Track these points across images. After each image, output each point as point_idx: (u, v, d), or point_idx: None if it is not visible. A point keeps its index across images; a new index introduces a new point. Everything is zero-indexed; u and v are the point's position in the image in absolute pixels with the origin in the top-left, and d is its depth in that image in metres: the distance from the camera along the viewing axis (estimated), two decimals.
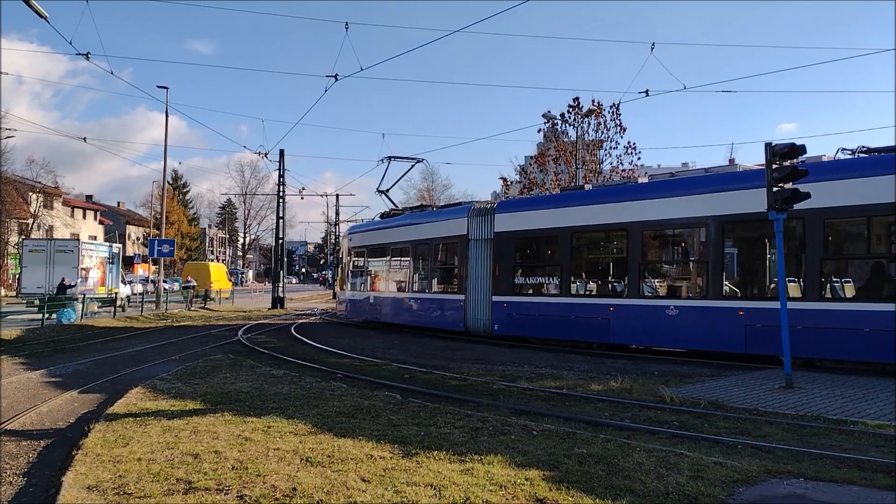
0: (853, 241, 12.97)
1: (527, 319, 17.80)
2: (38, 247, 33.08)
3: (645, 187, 16.02)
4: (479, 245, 19.41)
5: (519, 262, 18.53)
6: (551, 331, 17.28)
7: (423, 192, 73.36)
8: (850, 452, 6.48)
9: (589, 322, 16.15)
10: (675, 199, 14.78)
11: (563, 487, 5.23)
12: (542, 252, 18.47)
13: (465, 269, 19.79)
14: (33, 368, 13.52)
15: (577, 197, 17.66)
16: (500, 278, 18.55)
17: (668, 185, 15.72)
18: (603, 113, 33.06)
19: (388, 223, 25.27)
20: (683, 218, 14.63)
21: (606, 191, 17.17)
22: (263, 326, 25.33)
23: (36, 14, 17.43)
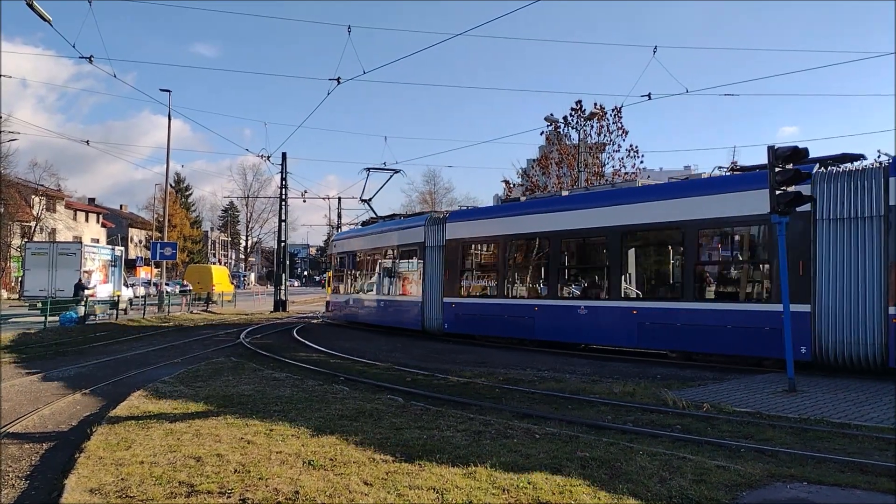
0: (722, 248, 14.80)
1: (471, 318, 19.58)
2: (41, 250, 33.12)
3: (566, 200, 17.72)
4: (433, 251, 21.17)
5: (465, 267, 20.43)
6: (490, 329, 19.09)
7: (425, 196, 73.54)
8: (854, 456, 6.46)
9: (518, 321, 17.97)
10: (587, 211, 16.51)
11: (566, 491, 5.23)
12: (484, 257, 20.26)
13: (422, 274, 21.55)
14: (36, 371, 13.53)
15: (511, 208, 19.65)
16: (450, 281, 20.36)
17: (583, 198, 17.37)
18: (605, 116, 33.10)
19: (363, 231, 27.52)
20: (593, 227, 16.36)
21: (535, 202, 19.14)
22: (265, 329, 25.33)
23: (39, 17, 17.51)
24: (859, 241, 11.95)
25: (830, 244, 12.21)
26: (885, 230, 11.61)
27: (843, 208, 12.11)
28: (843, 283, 12.03)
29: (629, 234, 15.63)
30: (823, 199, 12.28)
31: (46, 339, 20.02)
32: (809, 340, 12.22)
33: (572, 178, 32.10)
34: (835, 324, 12.06)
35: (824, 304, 12.18)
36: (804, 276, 12.35)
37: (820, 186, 12.30)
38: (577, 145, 32.53)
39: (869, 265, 11.81)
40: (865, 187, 11.92)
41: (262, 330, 24.90)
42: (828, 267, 12.19)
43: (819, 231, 12.32)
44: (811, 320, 12.23)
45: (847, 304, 11.96)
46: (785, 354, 10.79)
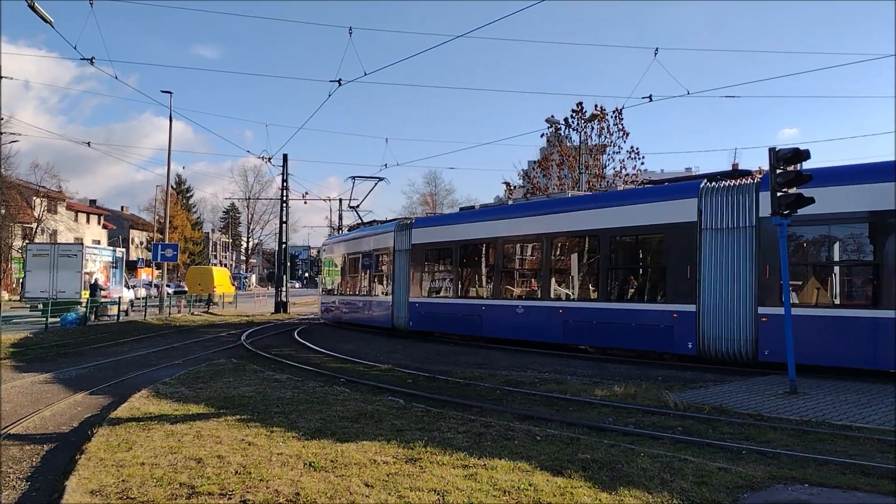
0: (630, 254, 16.55)
1: (432, 317, 21.22)
2: (42, 251, 33.10)
3: (509, 208, 19.87)
4: (401, 255, 22.86)
5: (427, 270, 22.11)
6: (447, 326, 20.70)
7: (426, 197, 73.61)
8: (855, 458, 6.45)
9: (469, 319, 19.58)
10: (524, 219, 18.30)
11: (567, 493, 5.22)
12: (443, 261, 21.71)
13: (392, 276, 23.24)
14: (37, 372, 13.54)
15: (466, 216, 21.30)
16: (415, 283, 22.06)
17: (522, 207, 19.22)
18: (606, 118, 33.11)
19: (347, 236, 29.91)
20: (528, 234, 18.22)
21: (486, 211, 20.73)
22: (266, 331, 25.34)
23: (41, 19, 17.52)
24: (735, 248, 13.44)
25: (712, 251, 13.73)
26: (756, 239, 13.09)
27: (722, 219, 13.66)
28: (723, 286, 13.52)
29: (557, 239, 17.35)
30: (707, 210, 13.90)
31: (47, 340, 20.03)
32: (695, 337, 13.77)
33: (573, 179, 32.10)
34: (716, 322, 13.57)
35: (707, 305, 13.68)
36: (691, 280, 13.91)
37: (704, 200, 13.96)
38: (578, 147, 32.55)
39: (743, 270, 13.30)
40: (740, 201, 13.45)
41: (263, 331, 24.91)
42: (710, 272, 13.72)
43: (703, 240, 13.86)
44: (696, 319, 13.75)
45: (726, 305, 13.45)
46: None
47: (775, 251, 12.05)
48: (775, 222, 10.47)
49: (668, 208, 14.60)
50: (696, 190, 14.14)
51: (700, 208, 13.96)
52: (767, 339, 12.59)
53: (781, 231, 10.49)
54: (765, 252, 12.86)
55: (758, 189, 13.14)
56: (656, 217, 14.70)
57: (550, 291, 17.26)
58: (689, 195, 14.28)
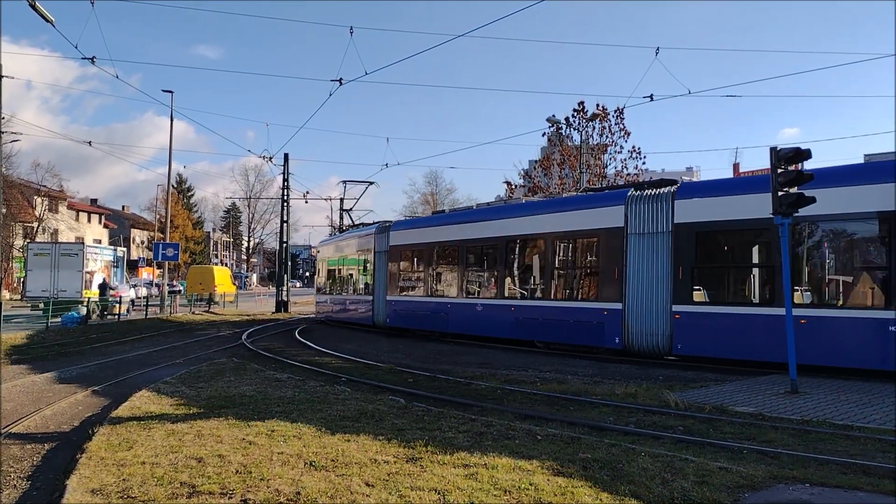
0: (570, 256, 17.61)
1: (406, 314, 22.64)
2: (43, 250, 33.08)
3: (473, 213, 21.19)
4: (380, 256, 24.31)
5: (402, 270, 23.40)
6: (419, 323, 21.95)
7: (426, 197, 73.53)
8: (856, 458, 6.45)
9: (437, 316, 20.95)
10: (484, 223, 19.70)
11: (568, 492, 5.22)
12: (416, 262, 22.98)
13: (372, 275, 24.76)
14: (38, 371, 13.55)
15: (437, 219, 23.10)
16: (392, 282, 23.53)
17: (484, 212, 20.43)
18: (607, 117, 33.11)
19: (337, 238, 31.85)
20: (487, 237, 19.46)
21: (453, 215, 22.71)
22: (267, 330, 25.36)
23: (42, 18, 17.54)
24: (655, 251, 14.69)
25: (636, 254, 15.01)
26: (672, 243, 14.34)
27: (644, 225, 14.94)
28: (644, 286, 14.78)
29: (510, 242, 18.61)
30: (632, 217, 15.17)
31: (48, 339, 20.05)
32: (621, 333, 15.10)
33: (574, 178, 32.11)
34: (639, 319, 14.86)
35: (631, 303, 14.96)
36: (618, 280, 15.26)
37: (630, 207, 15.23)
38: (579, 146, 32.55)
39: (661, 271, 14.52)
40: (658, 208, 14.70)
41: (263, 331, 24.92)
42: (634, 273, 15.00)
43: (629, 243, 15.16)
44: (622, 316, 15.08)
45: (646, 303, 14.72)
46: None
47: (688, 254, 14.13)
48: (776, 222, 10.45)
49: (600, 214, 16.01)
50: (624, 198, 15.49)
51: (626, 215, 15.24)
52: (680, 335, 14.01)
53: (782, 230, 10.46)
54: (678, 255, 14.17)
55: (673, 197, 14.45)
56: (591, 222, 16.20)
57: (505, 291, 18.64)
58: (617, 202, 15.63)
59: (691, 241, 14.15)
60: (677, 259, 14.18)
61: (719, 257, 14.71)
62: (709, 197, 14.15)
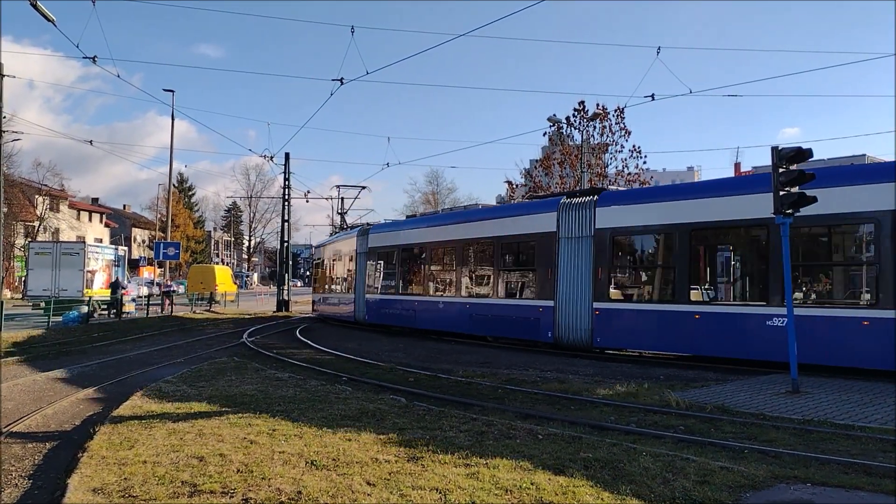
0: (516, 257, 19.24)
1: (382, 311, 24.27)
2: (44, 249, 33.15)
3: (437, 217, 23.18)
4: (361, 257, 25.87)
5: (379, 270, 25.01)
6: (392, 319, 23.52)
7: (427, 196, 73.50)
8: (858, 458, 6.44)
9: (407, 313, 22.47)
10: (446, 228, 21.43)
11: (569, 492, 5.22)
12: (390, 262, 24.43)
13: (354, 275, 26.31)
14: (39, 370, 13.56)
15: (408, 223, 24.87)
16: (370, 281, 25.28)
17: (447, 217, 22.72)
18: (608, 117, 33.08)
19: (328, 240, 33.82)
20: (448, 240, 21.02)
21: (422, 219, 24.38)
22: (268, 329, 25.36)
23: (43, 17, 17.53)
24: (580, 254, 16.15)
25: (566, 256, 16.43)
26: (592, 246, 15.83)
27: (572, 230, 16.40)
28: (572, 285, 16.23)
29: (466, 245, 20.22)
30: (563, 222, 16.62)
31: (50, 338, 20.05)
32: (553, 328, 16.59)
33: (575, 178, 32.09)
34: (567, 315, 16.30)
35: (561, 301, 16.39)
36: (552, 280, 16.71)
37: (561, 213, 16.69)
38: (580, 146, 32.52)
39: (584, 272, 15.98)
40: (583, 215, 16.19)
41: (264, 330, 24.92)
42: (564, 273, 16.45)
43: (560, 247, 16.59)
44: (554, 313, 16.52)
45: (573, 301, 16.17)
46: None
47: (606, 256, 15.69)
48: (777, 221, 10.43)
49: (538, 220, 17.46)
50: (557, 205, 16.98)
51: (558, 220, 16.70)
52: (599, 329, 15.59)
53: (784, 230, 10.44)
54: (598, 257, 15.72)
55: (595, 205, 15.98)
56: (531, 227, 17.74)
57: (462, 290, 20.26)
58: (551, 209, 17.09)
59: (608, 245, 15.73)
60: (597, 261, 15.75)
61: (631, 259, 16.62)
62: (624, 205, 15.83)
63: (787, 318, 10.52)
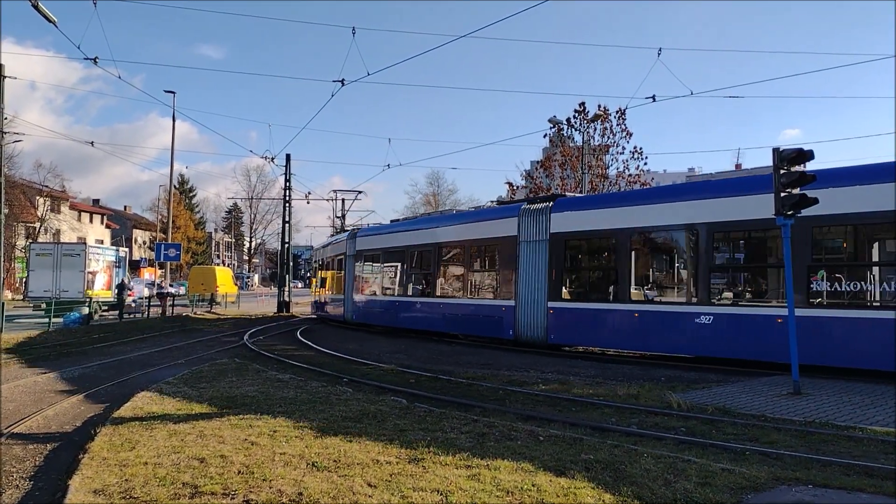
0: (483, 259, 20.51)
1: (367, 311, 25.78)
2: (45, 251, 33.15)
3: (416, 221, 24.80)
4: (349, 259, 27.24)
5: (365, 272, 26.39)
6: (376, 319, 24.92)
7: (428, 197, 73.52)
8: (859, 459, 6.43)
9: (389, 313, 23.77)
10: (423, 232, 22.59)
11: (570, 494, 5.21)
12: (374, 264, 25.79)
13: (344, 277, 27.57)
14: (40, 372, 13.56)
15: (389, 227, 26.13)
16: (357, 282, 26.72)
17: (423, 221, 24.22)
18: (609, 118, 33.06)
19: (325, 243, 35.09)
20: (425, 244, 22.25)
21: (403, 223, 25.90)
22: (269, 330, 25.36)
23: (44, 18, 17.56)
24: (537, 256, 17.29)
25: (526, 259, 17.57)
26: (547, 249, 16.96)
27: (531, 234, 17.56)
28: (531, 286, 17.36)
29: (440, 248, 21.48)
30: (523, 227, 17.76)
31: (50, 339, 20.06)
32: (514, 326, 17.73)
33: (576, 179, 32.09)
34: (526, 314, 17.46)
35: (521, 301, 17.54)
36: (513, 281, 17.91)
37: (522, 219, 17.88)
38: (581, 147, 32.51)
39: (541, 273, 17.11)
40: (540, 220, 17.34)
41: (265, 331, 24.92)
42: (524, 274, 17.59)
43: (521, 250, 17.74)
44: (515, 312, 17.70)
45: (531, 301, 17.29)
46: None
47: (559, 258, 16.95)
48: (778, 223, 10.43)
49: (502, 225, 18.63)
50: (518, 210, 18.18)
51: (519, 225, 17.85)
52: (553, 327, 16.74)
53: (785, 231, 10.44)
54: (552, 260, 16.91)
55: (550, 211, 17.17)
56: (496, 231, 18.92)
57: (436, 290, 21.42)
58: (513, 215, 18.29)
59: (561, 248, 17.01)
60: (551, 263, 16.95)
61: (581, 261, 18.02)
62: (574, 211, 16.99)
63: (788, 317, 10.51)
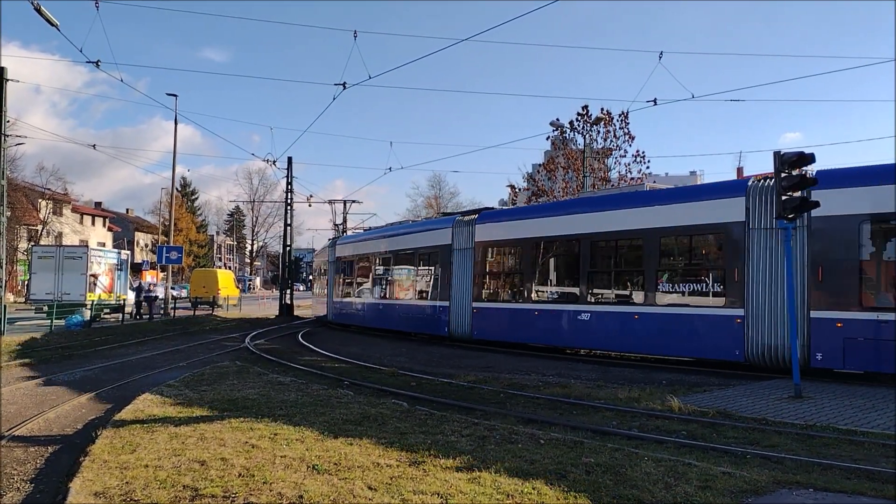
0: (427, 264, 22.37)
1: (343, 312, 28.52)
2: (48, 253, 33.11)
3: (381, 230, 27.12)
4: (331, 265, 30.20)
5: (342, 276, 29.21)
6: (351, 319, 27.63)
7: (430, 200, 73.53)
8: (860, 463, 6.42)
9: (359, 314, 26.71)
10: (385, 240, 25.14)
11: (571, 497, 5.21)
12: (350, 269, 28.40)
13: (327, 280, 30.75)
14: (41, 374, 13.58)
15: (363, 235, 29.17)
16: (336, 286, 29.58)
17: (384, 230, 26.75)
18: (612, 121, 33.06)
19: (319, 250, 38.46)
20: (386, 251, 24.78)
21: (371, 231, 28.77)
22: (271, 333, 25.37)
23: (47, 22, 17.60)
24: (465, 262, 19.84)
25: (458, 263, 20.10)
26: (473, 256, 19.57)
27: (461, 242, 20.10)
28: (460, 288, 19.88)
29: (397, 255, 24.07)
30: (455, 237, 20.35)
31: (52, 342, 20.08)
32: (448, 324, 20.17)
33: (578, 182, 32.07)
34: (456, 313, 19.93)
35: (454, 301, 20.02)
36: (448, 284, 20.29)
37: (454, 229, 20.49)
38: (583, 150, 32.51)
39: (468, 277, 19.65)
40: (467, 230, 19.95)
41: (267, 334, 24.94)
42: (456, 278, 20.03)
43: (453, 256, 20.27)
44: (449, 312, 20.13)
45: (461, 301, 19.80)
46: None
47: (481, 264, 19.59)
48: (779, 226, 10.44)
49: (440, 234, 21.17)
50: (452, 222, 20.87)
51: (452, 235, 20.40)
52: (476, 325, 19.23)
53: (786, 235, 10.44)
54: (475, 265, 19.54)
55: (475, 222, 19.87)
56: (436, 240, 21.38)
57: (393, 293, 24.10)
58: (448, 225, 20.90)
59: (483, 255, 19.68)
60: (475, 267, 19.54)
61: (497, 266, 20.02)
62: (493, 222, 19.67)
63: (790, 320, 10.50)
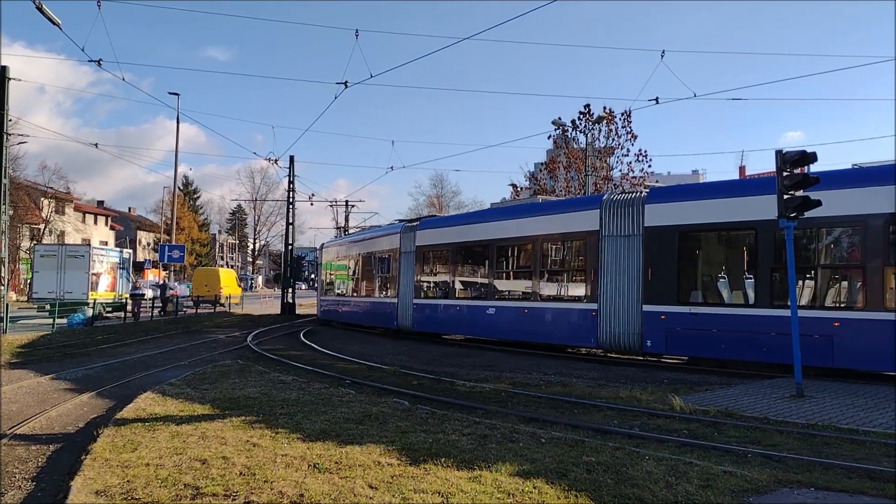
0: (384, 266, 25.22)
1: (328, 310, 31.36)
2: (50, 252, 33.21)
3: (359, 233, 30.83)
4: (318, 268, 32.74)
5: (327, 276, 32.63)
6: (333, 316, 30.41)
7: (432, 199, 73.51)
8: (862, 462, 6.42)
9: (339, 311, 29.73)
10: (360, 243, 28.01)
11: (572, 496, 5.21)
12: (342, 269, 30.78)
13: (317, 281, 33.47)
14: (43, 373, 13.59)
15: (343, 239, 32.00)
16: (323, 286, 33.01)
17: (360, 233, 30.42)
18: (614, 120, 33.02)
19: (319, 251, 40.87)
20: (358, 253, 27.87)
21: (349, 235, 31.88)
22: (273, 332, 25.38)
23: (48, 21, 17.60)
24: (409, 264, 22.47)
25: (404, 266, 22.73)
26: (413, 259, 22.23)
27: (406, 246, 22.77)
28: (406, 286, 22.52)
29: (366, 257, 26.87)
30: (402, 241, 23.04)
31: (54, 340, 20.10)
32: (396, 318, 22.90)
33: (580, 181, 32.06)
34: (403, 309, 22.57)
35: (400, 298, 22.73)
36: (396, 283, 23.02)
37: (401, 235, 23.11)
38: (585, 149, 32.50)
39: (411, 277, 22.31)
40: (410, 236, 22.61)
41: (269, 333, 24.95)
42: (403, 277, 22.70)
43: (401, 259, 22.88)
44: (396, 307, 22.93)
45: (406, 298, 22.42)
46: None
47: (421, 265, 22.23)
48: (781, 225, 10.40)
49: (391, 240, 24.14)
50: (401, 228, 23.63)
51: (400, 240, 23.09)
52: (416, 319, 21.93)
53: (788, 234, 10.41)
54: (416, 266, 22.16)
55: (416, 229, 22.58)
56: (389, 245, 24.26)
57: (361, 291, 27.25)
58: (396, 231, 23.84)
59: (422, 257, 22.21)
60: (416, 268, 22.21)
61: (433, 267, 22.34)
62: (429, 229, 22.29)
63: (792, 321, 10.48)
